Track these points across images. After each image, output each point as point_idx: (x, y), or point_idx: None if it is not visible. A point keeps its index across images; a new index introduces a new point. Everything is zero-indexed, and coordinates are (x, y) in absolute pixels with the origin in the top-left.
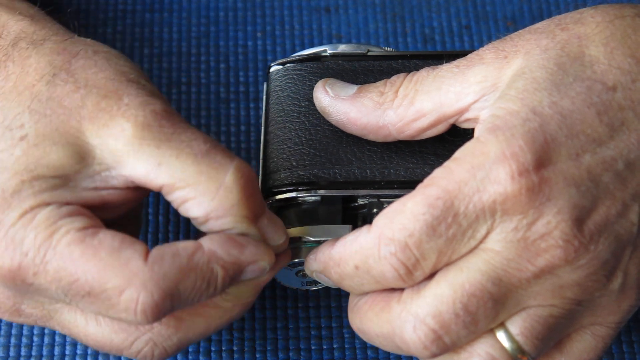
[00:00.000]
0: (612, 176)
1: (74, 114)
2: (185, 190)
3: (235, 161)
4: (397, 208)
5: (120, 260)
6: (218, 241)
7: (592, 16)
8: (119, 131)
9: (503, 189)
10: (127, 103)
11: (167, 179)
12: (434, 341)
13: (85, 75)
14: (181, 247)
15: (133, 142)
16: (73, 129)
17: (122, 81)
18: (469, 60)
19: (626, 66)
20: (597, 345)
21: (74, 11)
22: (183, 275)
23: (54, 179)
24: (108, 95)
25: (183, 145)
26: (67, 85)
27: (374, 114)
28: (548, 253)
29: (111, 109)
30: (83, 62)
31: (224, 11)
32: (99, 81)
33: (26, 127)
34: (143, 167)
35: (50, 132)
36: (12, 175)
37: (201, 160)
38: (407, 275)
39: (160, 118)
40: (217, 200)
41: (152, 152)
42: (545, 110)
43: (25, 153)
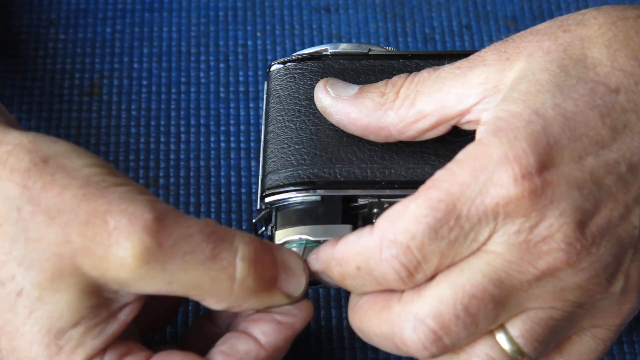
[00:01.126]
0: (614, 179)
1: (63, 252)
2: (201, 296)
3: (236, 244)
4: (399, 210)
5: None
6: (272, 332)
7: (594, 18)
8: (118, 263)
9: (506, 191)
10: (114, 226)
11: (181, 292)
12: (434, 342)
13: (52, 201)
14: (244, 352)
15: (137, 271)
16: (68, 269)
17: (94, 193)
18: (471, 62)
19: (629, 68)
20: (597, 348)
21: (74, 10)
22: None
23: (76, 328)
24: (89, 221)
25: (187, 258)
26: (39, 218)
27: (375, 114)
28: (550, 256)
29: (101, 237)
30: (41, 183)
31: (223, 11)
32: (70, 204)
33: (18, 279)
34: (154, 288)
35: (46, 281)
36: (31, 340)
37: (210, 266)
38: (409, 277)
39: (155, 233)
40: (235, 295)
41: (159, 275)
42: (548, 113)
43: (32, 311)
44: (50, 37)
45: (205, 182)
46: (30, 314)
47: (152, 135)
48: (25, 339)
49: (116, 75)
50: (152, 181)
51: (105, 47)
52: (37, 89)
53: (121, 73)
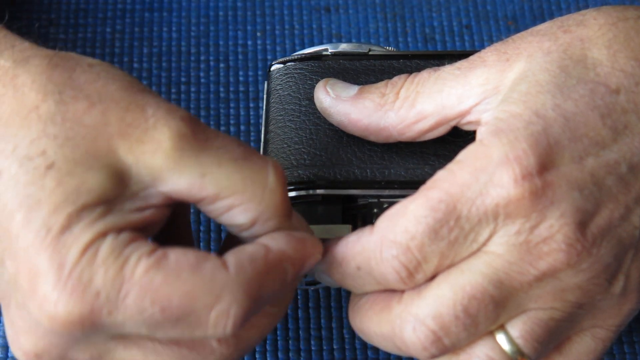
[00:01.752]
0: (615, 179)
1: (101, 133)
2: (232, 199)
3: (269, 159)
4: (399, 210)
5: (204, 277)
6: (283, 239)
7: (594, 18)
8: (155, 145)
9: (506, 192)
10: (152, 114)
11: (213, 189)
12: (434, 342)
13: (94, 89)
14: (253, 250)
15: (172, 156)
16: (103, 150)
17: (135, 91)
18: (471, 62)
19: (629, 69)
20: (597, 348)
21: (73, 10)
22: (263, 279)
23: (100, 206)
24: (129, 108)
25: (221, 152)
26: (80, 103)
27: (375, 115)
28: (550, 256)
29: (139, 122)
30: (85, 76)
31: (223, 10)
32: (112, 94)
33: (50, 153)
34: (186, 180)
35: (80, 157)
36: (53, 210)
37: (243, 165)
38: (409, 277)
39: (191, 125)
40: (264, 204)
41: (194, 164)
42: (548, 113)
43: (60, 183)
44: (50, 37)
45: None
46: (58, 185)
47: None
48: (47, 209)
49: None
50: None
51: (105, 47)
52: None
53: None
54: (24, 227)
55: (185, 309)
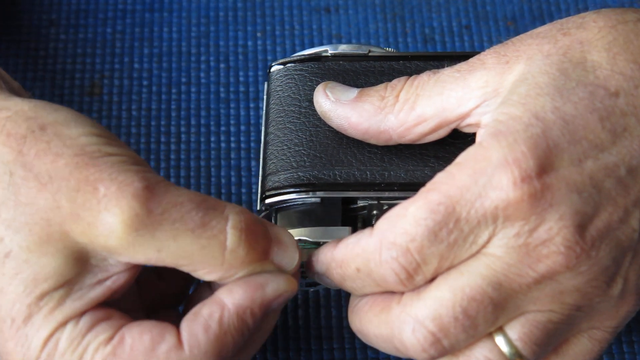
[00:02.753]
0: (614, 182)
1: (53, 217)
2: (192, 267)
3: (226, 213)
4: (399, 212)
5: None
6: (238, 291)
7: (594, 21)
8: (107, 229)
9: (505, 195)
10: (104, 194)
11: (170, 261)
12: (433, 344)
13: (44, 168)
14: (207, 315)
15: (126, 239)
16: (57, 234)
17: (87, 162)
18: (471, 65)
19: (629, 72)
20: (594, 349)
21: (74, 11)
22: (221, 344)
23: (59, 290)
24: (80, 188)
25: (177, 225)
26: (30, 184)
27: (375, 118)
28: (549, 259)
29: (90, 203)
30: (35, 150)
31: (224, 11)
32: (62, 171)
33: (7, 242)
34: (142, 256)
35: (35, 243)
36: (14, 299)
37: (200, 234)
38: (408, 279)
39: (145, 200)
40: (227, 264)
41: (148, 243)
42: (547, 116)
43: (18, 272)
44: (51, 38)
45: (206, 182)
46: (16, 275)
47: (152, 135)
48: (8, 298)
49: (116, 75)
50: None
51: (106, 48)
52: (38, 89)
53: (121, 73)
54: None
55: None
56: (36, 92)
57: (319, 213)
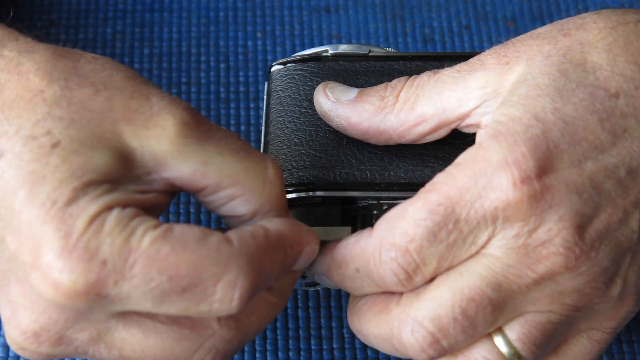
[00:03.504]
0: (614, 183)
1: (106, 117)
2: (233, 189)
3: (267, 155)
4: (398, 213)
5: (210, 249)
6: (281, 223)
7: (594, 22)
8: (160, 132)
9: (505, 196)
10: (156, 102)
11: (215, 178)
12: (432, 344)
13: (99, 78)
14: (254, 229)
15: (177, 142)
16: (109, 132)
17: (138, 82)
18: (471, 65)
19: (629, 73)
20: (593, 349)
21: (74, 11)
22: (265, 255)
23: (105, 183)
24: (134, 96)
25: (223, 142)
26: (85, 89)
27: (375, 118)
28: (548, 260)
29: (143, 109)
30: (90, 66)
31: (224, 11)
32: (117, 82)
33: (55, 133)
34: (189, 167)
35: (86, 137)
36: (58, 184)
37: (244, 156)
38: (407, 280)
39: (194, 113)
40: (265, 196)
41: (197, 151)
42: (547, 117)
43: (65, 160)
44: (51, 38)
45: None
46: (63, 162)
47: None
48: (50, 184)
49: None
50: None
51: (106, 48)
52: None
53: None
54: (27, 201)
55: (192, 279)
56: None
57: (319, 213)
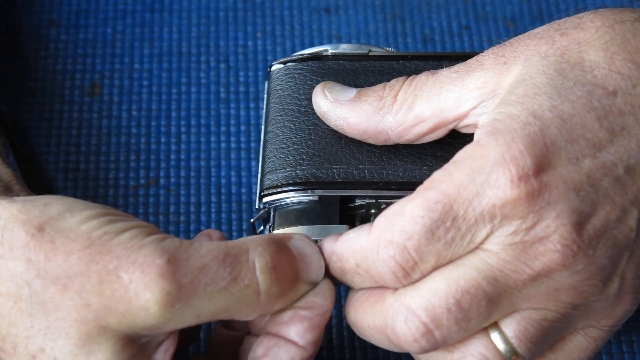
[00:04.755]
0: (611, 181)
1: (85, 316)
2: (230, 316)
3: (251, 258)
4: (396, 210)
5: None
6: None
7: (591, 21)
8: (144, 314)
9: (502, 193)
10: (130, 280)
11: (211, 319)
12: (424, 334)
13: (59, 270)
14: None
15: (164, 316)
16: (95, 331)
17: (99, 251)
18: (469, 66)
19: (626, 71)
20: (589, 346)
21: (75, 11)
22: None
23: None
24: (103, 280)
25: (209, 289)
26: (51, 290)
27: (373, 119)
28: (545, 257)
29: (119, 294)
30: (43, 254)
31: (224, 11)
32: (78, 268)
33: (47, 350)
34: (183, 324)
35: (77, 346)
36: None
37: (232, 290)
38: (405, 277)
39: (171, 276)
40: (263, 304)
41: (186, 312)
42: (545, 114)
43: None
44: (52, 38)
45: (206, 182)
46: None
47: (152, 135)
48: None
49: (117, 75)
50: (153, 181)
51: (106, 48)
52: (38, 89)
53: (122, 74)
54: None
55: None
56: (37, 93)
57: (317, 211)
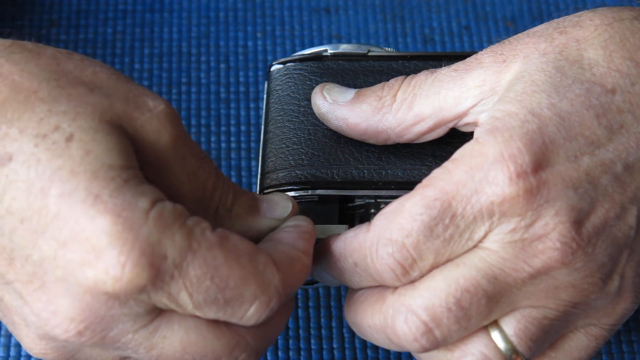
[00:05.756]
0: (610, 179)
1: (107, 111)
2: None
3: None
4: (395, 208)
5: (258, 268)
6: (294, 236)
7: (590, 19)
8: (161, 130)
9: (501, 190)
10: (153, 106)
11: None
12: (424, 334)
13: (86, 77)
14: (291, 253)
15: (176, 143)
16: (115, 121)
17: (124, 81)
18: (468, 64)
19: (625, 69)
20: (590, 345)
21: (75, 11)
22: (299, 278)
23: (134, 169)
24: (129, 97)
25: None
26: (79, 88)
27: (373, 119)
28: (545, 254)
29: (142, 110)
30: (72, 65)
31: (224, 11)
32: (106, 82)
33: (64, 127)
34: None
35: (97, 126)
36: (92, 176)
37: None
38: (404, 275)
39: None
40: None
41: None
42: (543, 112)
43: (88, 151)
44: (52, 38)
45: None
46: (87, 153)
47: None
48: (85, 177)
49: None
50: None
51: (107, 48)
52: None
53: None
54: (64, 200)
55: (235, 293)
56: None
57: (317, 211)
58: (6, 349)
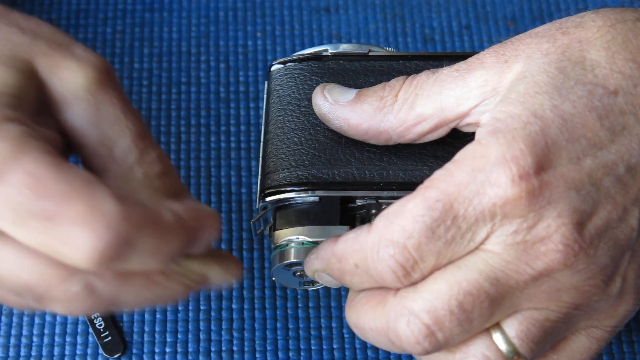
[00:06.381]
0: (613, 180)
1: (25, 49)
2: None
3: None
4: (396, 209)
5: (91, 193)
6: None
7: (593, 20)
8: (75, 71)
9: (503, 192)
10: (79, 51)
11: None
12: (427, 337)
13: (27, 25)
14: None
15: (90, 86)
16: (23, 58)
17: (64, 35)
18: (469, 64)
19: (627, 70)
20: (591, 347)
21: (74, 11)
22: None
23: (12, 97)
24: (60, 43)
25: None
26: (12, 28)
27: (374, 119)
28: (547, 257)
29: (66, 52)
30: (19, 15)
31: (224, 11)
32: (45, 32)
33: None
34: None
35: (0, 57)
36: None
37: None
38: (405, 276)
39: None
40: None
41: (107, 102)
42: (546, 114)
43: None
44: None
45: (206, 182)
46: None
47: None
48: None
49: (117, 75)
50: None
51: (106, 47)
52: None
53: (122, 73)
54: None
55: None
56: None
57: (318, 212)
58: (5, 349)
